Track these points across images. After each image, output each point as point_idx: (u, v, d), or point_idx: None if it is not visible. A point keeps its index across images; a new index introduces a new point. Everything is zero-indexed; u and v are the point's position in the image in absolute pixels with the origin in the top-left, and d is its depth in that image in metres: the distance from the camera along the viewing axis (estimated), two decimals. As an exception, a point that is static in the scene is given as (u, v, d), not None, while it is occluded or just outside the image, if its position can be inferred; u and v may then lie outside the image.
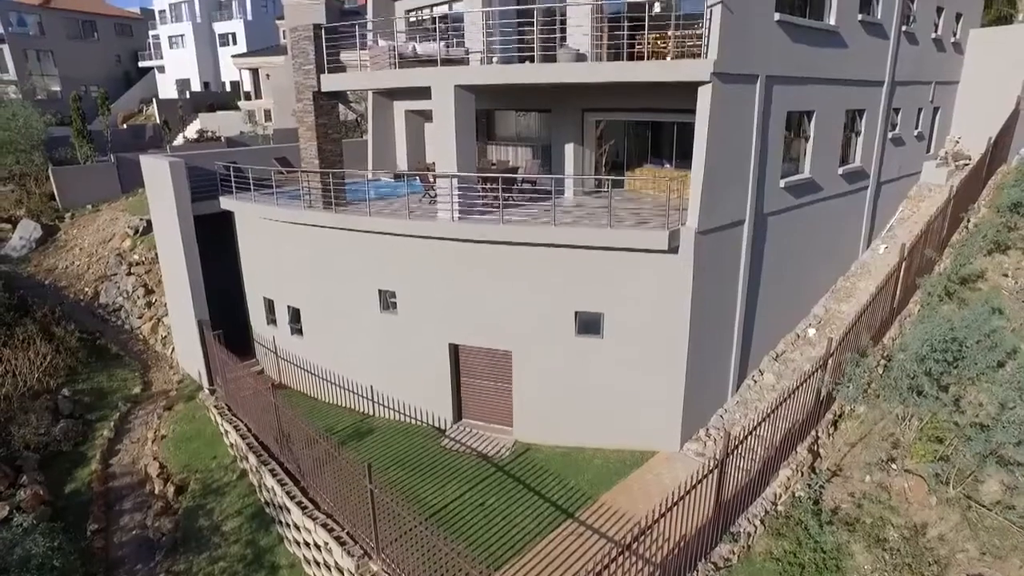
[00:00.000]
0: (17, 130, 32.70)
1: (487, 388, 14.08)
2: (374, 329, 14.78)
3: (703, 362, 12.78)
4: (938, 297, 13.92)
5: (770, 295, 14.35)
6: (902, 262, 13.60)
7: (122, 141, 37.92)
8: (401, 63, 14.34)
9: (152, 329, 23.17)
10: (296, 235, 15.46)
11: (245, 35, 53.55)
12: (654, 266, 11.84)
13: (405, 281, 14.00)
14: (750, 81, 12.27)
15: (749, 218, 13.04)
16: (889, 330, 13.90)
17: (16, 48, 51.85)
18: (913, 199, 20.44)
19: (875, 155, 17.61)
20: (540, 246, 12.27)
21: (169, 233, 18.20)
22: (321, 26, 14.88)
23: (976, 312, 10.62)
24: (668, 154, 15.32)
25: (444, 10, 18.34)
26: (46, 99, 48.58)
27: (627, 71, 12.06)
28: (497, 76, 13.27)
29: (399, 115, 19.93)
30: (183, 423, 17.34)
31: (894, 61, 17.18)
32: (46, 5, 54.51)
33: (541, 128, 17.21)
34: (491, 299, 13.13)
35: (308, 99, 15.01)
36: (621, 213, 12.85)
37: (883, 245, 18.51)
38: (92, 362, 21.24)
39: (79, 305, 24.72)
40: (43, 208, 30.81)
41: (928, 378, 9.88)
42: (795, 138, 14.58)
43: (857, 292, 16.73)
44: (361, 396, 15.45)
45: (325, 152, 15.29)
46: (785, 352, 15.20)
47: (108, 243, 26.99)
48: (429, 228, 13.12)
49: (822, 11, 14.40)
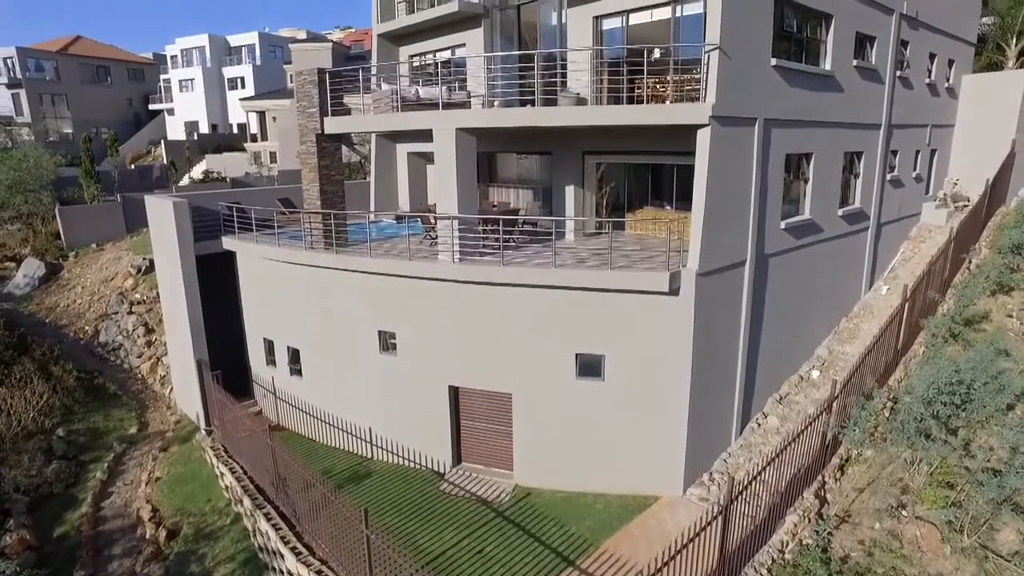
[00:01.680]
0: (27, 171, 33.31)
1: (487, 431, 13.86)
2: (373, 370, 14.64)
3: (706, 405, 12.59)
4: (943, 338, 13.79)
5: (772, 336, 14.24)
6: (905, 303, 13.52)
7: (129, 181, 38.45)
8: (404, 106, 14.57)
9: (151, 368, 23.02)
10: (297, 275, 15.47)
11: (253, 79, 54.84)
12: (655, 308, 11.77)
13: (405, 322, 13.93)
14: (748, 124, 12.43)
15: (750, 259, 13.03)
16: (894, 372, 13.72)
17: (32, 92, 53.33)
18: (914, 240, 20.47)
19: (874, 196, 17.71)
20: (541, 288, 12.24)
21: (171, 272, 18.25)
22: (326, 70, 15.20)
23: (982, 354, 10.50)
24: (668, 196, 15.42)
25: (447, 55, 18.75)
26: (58, 140, 49.61)
27: (627, 115, 12.24)
28: (498, 119, 13.46)
29: (402, 157, 20.20)
30: (178, 465, 17.06)
31: (890, 105, 17.44)
32: (63, 52, 56.20)
33: (542, 170, 17.39)
34: (491, 341, 13.03)
35: (311, 141, 15.22)
36: (622, 255, 12.85)
37: (885, 286, 18.46)
38: (89, 401, 21.04)
39: (79, 344, 24.65)
40: (48, 247, 31.09)
41: (936, 421, 9.70)
42: (795, 180, 14.68)
43: (860, 333, 16.60)
44: (359, 438, 15.21)
45: (327, 193, 15.42)
46: (789, 394, 15.00)
47: (110, 282, 27.07)
48: (429, 270, 13.12)
49: (818, 56, 14.68)
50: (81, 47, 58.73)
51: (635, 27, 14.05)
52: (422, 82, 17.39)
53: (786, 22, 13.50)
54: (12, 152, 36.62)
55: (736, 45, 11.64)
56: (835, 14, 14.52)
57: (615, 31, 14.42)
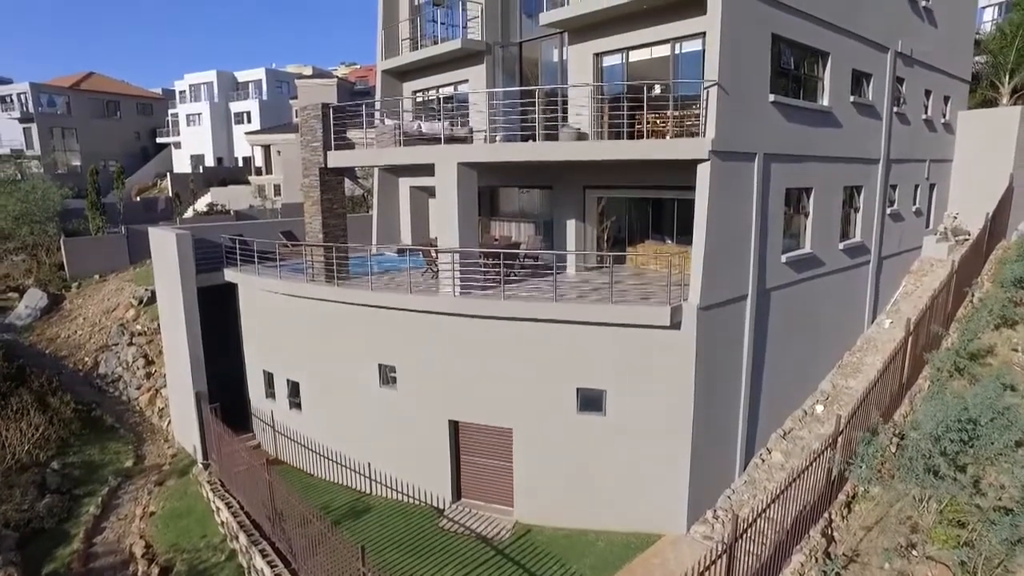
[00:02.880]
0: (35, 202, 33.65)
1: (487, 467, 13.66)
2: (373, 404, 14.51)
3: (709, 440, 12.42)
4: (947, 373, 13.65)
5: (775, 371, 14.12)
6: (908, 337, 13.43)
7: (134, 213, 38.79)
8: (406, 141, 14.75)
9: (150, 401, 22.86)
10: (298, 308, 15.45)
11: (259, 113, 55.69)
12: (657, 342, 11.71)
13: (405, 356, 13.86)
14: (748, 159, 12.53)
15: (751, 293, 13.00)
16: (899, 407, 13.55)
17: (43, 126, 54.38)
18: (915, 273, 20.46)
19: (875, 230, 17.76)
20: (541, 322, 12.21)
21: (172, 304, 18.25)
22: (329, 105, 15.43)
23: (988, 389, 10.37)
24: (669, 230, 15.47)
25: (450, 91, 19.05)
26: (66, 173, 50.24)
27: (627, 149, 12.36)
28: (499, 154, 13.60)
29: (404, 191, 20.37)
30: (174, 499, 16.80)
31: (888, 140, 17.61)
32: (75, 87, 57.40)
33: (543, 204, 17.50)
34: (492, 375, 12.94)
35: (315, 175, 15.37)
36: (623, 289, 12.84)
37: (888, 320, 18.37)
38: (85, 434, 20.83)
39: (78, 375, 24.52)
40: (52, 277, 31.19)
41: (944, 458, 9.53)
42: (795, 214, 14.74)
43: (864, 367, 16.46)
44: (358, 473, 15.00)
45: (329, 226, 15.52)
46: (793, 430, 14.80)
47: (112, 313, 27.07)
48: (430, 303, 13.11)
49: (816, 93, 14.89)
50: (93, 83, 59.97)
51: (635, 64, 14.29)
52: (425, 117, 17.63)
53: (783, 59, 13.73)
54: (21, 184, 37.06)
55: (735, 82, 11.82)
56: (831, 52, 14.78)
57: (615, 67, 14.66)
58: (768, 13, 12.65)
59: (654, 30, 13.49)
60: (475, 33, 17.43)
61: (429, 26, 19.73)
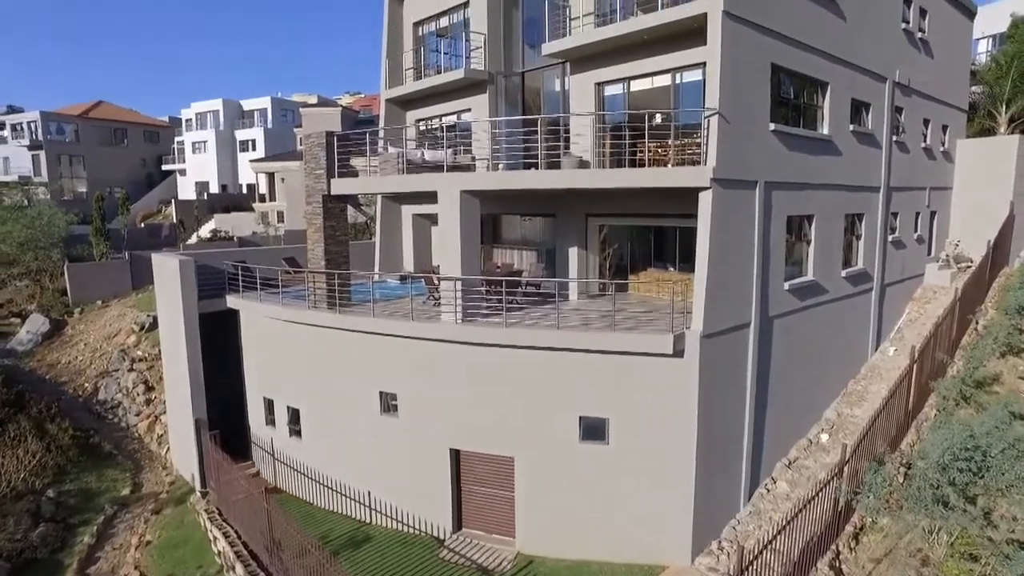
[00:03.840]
0: (40, 228, 33.89)
1: (488, 496, 13.47)
2: (374, 432, 14.38)
3: (713, 469, 12.25)
4: (954, 401, 13.52)
5: (779, 399, 13.99)
6: (913, 364, 13.33)
7: (138, 239, 39.00)
8: (409, 169, 14.86)
9: (149, 427, 22.68)
10: (299, 335, 15.41)
11: (264, 141, 56.34)
12: (659, 370, 11.63)
13: (407, 383, 13.78)
14: (749, 187, 12.59)
15: (754, 321, 12.95)
16: (906, 436, 13.40)
17: (51, 154, 55.16)
18: (919, 301, 20.40)
19: (877, 257, 17.76)
20: (544, 350, 12.15)
21: (173, 330, 18.22)
22: (333, 133, 15.59)
23: (996, 418, 10.25)
24: (671, 257, 15.49)
25: (453, 119, 19.26)
26: (72, 199, 50.71)
27: (629, 177, 12.44)
28: (502, 182, 13.69)
29: (407, 218, 20.47)
30: (170, 528, 16.56)
31: (888, 168, 17.72)
32: (84, 116, 58.30)
33: (545, 232, 17.56)
34: (494, 403, 12.84)
35: (318, 202, 15.46)
36: (625, 316, 12.79)
37: (892, 347, 18.26)
38: (83, 461, 20.61)
39: (77, 401, 24.38)
40: (55, 303, 31.25)
41: (953, 489, 9.38)
42: (797, 241, 14.76)
43: (869, 395, 16.32)
44: (358, 502, 14.79)
45: (332, 253, 15.55)
46: (798, 459, 14.61)
47: (113, 338, 27.03)
48: (432, 330, 13.07)
49: (816, 121, 15.03)
50: (102, 111, 60.92)
51: (636, 93, 14.47)
52: (428, 145, 17.80)
53: (783, 88, 13.89)
54: (27, 210, 37.39)
55: (735, 110, 11.94)
56: (830, 81, 14.95)
57: (617, 96, 14.84)
58: (767, 44, 12.83)
59: (655, 60, 13.69)
60: (478, 63, 17.70)
61: (432, 56, 20.06)
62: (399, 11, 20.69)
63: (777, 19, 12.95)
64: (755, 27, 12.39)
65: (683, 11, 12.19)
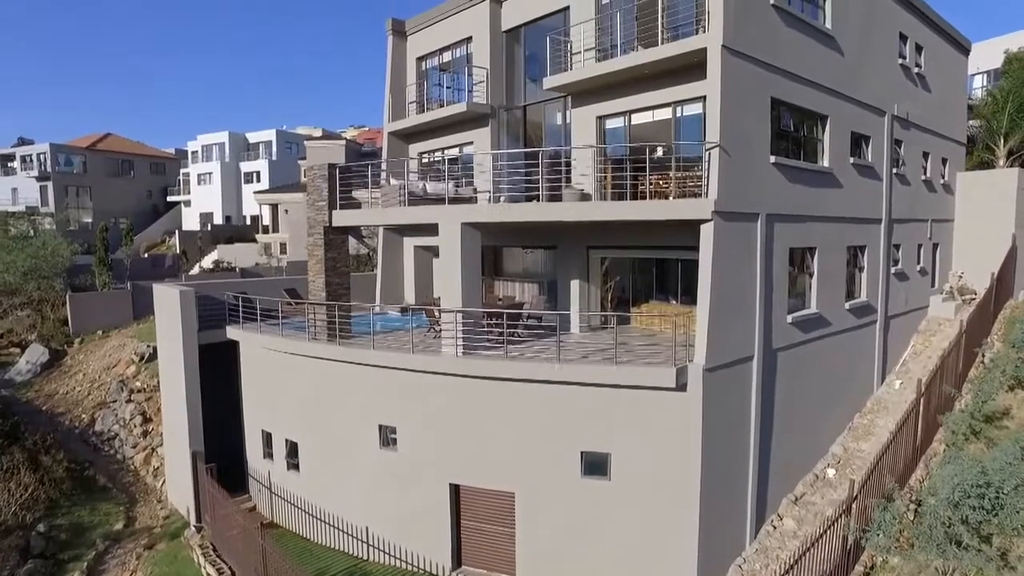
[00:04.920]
0: (44, 258, 34.02)
1: (489, 532, 13.18)
2: (372, 466, 14.15)
3: (718, 506, 11.98)
4: (963, 436, 13.29)
5: (784, 433, 13.77)
6: (920, 398, 13.14)
7: (141, 270, 39.11)
8: (411, 201, 14.91)
9: (145, 460, 22.40)
10: (299, 367, 15.29)
11: (268, 173, 56.92)
12: (662, 404, 11.47)
13: (407, 417, 13.60)
14: (751, 219, 12.59)
15: (758, 354, 12.82)
16: (915, 471, 13.15)
17: (59, 185, 55.84)
18: (924, 333, 20.24)
19: (880, 289, 17.68)
20: (545, 383, 12.01)
21: (173, 360, 18.11)
22: (336, 165, 15.70)
23: (1008, 453, 10.03)
24: (673, 290, 15.43)
25: (455, 152, 19.42)
26: (77, 229, 51.05)
27: (630, 210, 12.46)
28: (503, 214, 13.71)
29: (408, 250, 20.50)
30: (163, 564, 16.20)
31: (889, 200, 17.76)
32: (92, 148, 59.13)
33: (547, 264, 17.55)
34: (494, 437, 12.65)
35: (319, 233, 15.49)
36: (627, 349, 12.67)
37: (898, 380, 18.05)
38: (76, 494, 20.27)
39: (73, 432, 24.13)
40: (55, 333, 31.17)
41: (966, 527, 9.13)
42: (799, 273, 14.71)
43: (876, 429, 16.06)
44: (356, 538, 14.48)
45: (332, 285, 15.52)
46: (805, 495, 14.31)
47: (112, 369, 26.88)
48: (432, 363, 12.95)
49: (816, 154, 15.11)
50: (110, 143, 61.81)
51: (637, 126, 14.58)
52: (430, 177, 17.92)
53: (783, 122, 13.99)
54: (32, 240, 37.61)
55: (736, 143, 12.00)
56: (830, 115, 15.08)
57: (618, 130, 14.96)
58: (767, 78, 12.97)
59: (655, 94, 13.83)
60: (480, 97, 17.91)
61: (435, 90, 20.32)
62: (403, 46, 21.05)
63: (776, 54, 13.11)
64: (754, 61, 12.54)
65: (683, 46, 12.36)
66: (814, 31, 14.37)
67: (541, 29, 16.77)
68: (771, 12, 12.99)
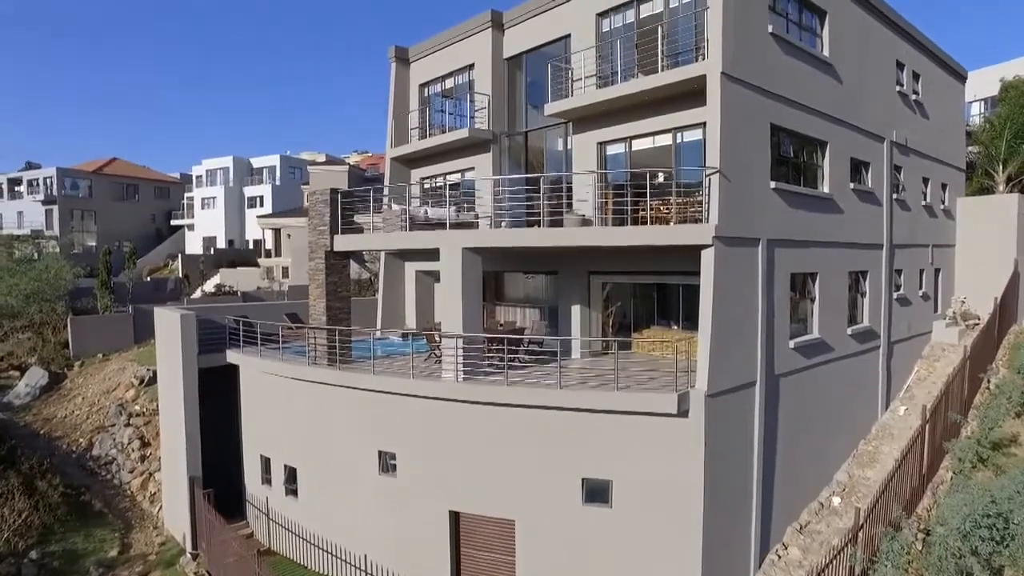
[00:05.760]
0: (47, 281, 34.10)
1: (488, 560, 12.94)
2: (372, 492, 13.97)
3: (721, 535, 11.77)
4: (970, 463, 13.13)
5: (788, 460, 13.59)
6: (925, 425, 13.00)
7: (144, 293, 39.18)
8: (413, 226, 14.95)
9: (142, 485, 22.17)
10: (298, 391, 15.20)
11: (272, 198, 57.32)
12: (664, 431, 11.34)
13: (406, 443, 13.47)
14: (752, 244, 12.59)
15: (760, 380, 12.71)
16: (921, 499, 12.95)
17: (64, 209, 56.36)
18: (927, 359, 20.11)
19: (883, 315, 17.60)
20: (546, 409, 11.90)
21: (172, 384, 18.03)
22: (338, 190, 15.78)
23: (1017, 482, 9.88)
24: (675, 315, 15.37)
25: (457, 178, 19.54)
26: (81, 252, 51.31)
27: (631, 235, 12.46)
28: (504, 239, 13.73)
29: (409, 275, 20.50)
30: (157, 594, 15.94)
31: (890, 225, 17.77)
32: (98, 172, 59.75)
33: (548, 290, 17.52)
34: (494, 464, 12.51)
35: (321, 258, 15.51)
36: (629, 375, 12.57)
37: (903, 406, 17.88)
38: (71, 520, 20.00)
39: (70, 456, 23.93)
40: (55, 356, 31.12)
41: (976, 559, 8.96)
42: (801, 299, 14.66)
43: (881, 456, 15.86)
44: (354, 566, 14.21)
45: (333, 309, 15.49)
46: (810, 523, 14.08)
47: (111, 393, 26.76)
48: (432, 388, 12.87)
49: (816, 179, 15.17)
50: (115, 167, 62.51)
51: (638, 152, 14.67)
52: (431, 203, 17.99)
53: (783, 148, 14.08)
54: (35, 263, 37.76)
55: (736, 169, 12.05)
56: (829, 141, 15.17)
57: (619, 155, 15.05)
58: (766, 104, 13.08)
59: (656, 120, 13.93)
60: (482, 123, 18.08)
61: (438, 116, 20.52)
62: (406, 73, 21.31)
63: (775, 81, 13.24)
64: (753, 88, 12.66)
65: (683, 73, 12.48)
66: (812, 59, 14.54)
67: (542, 56, 16.99)
68: (769, 40, 13.14)
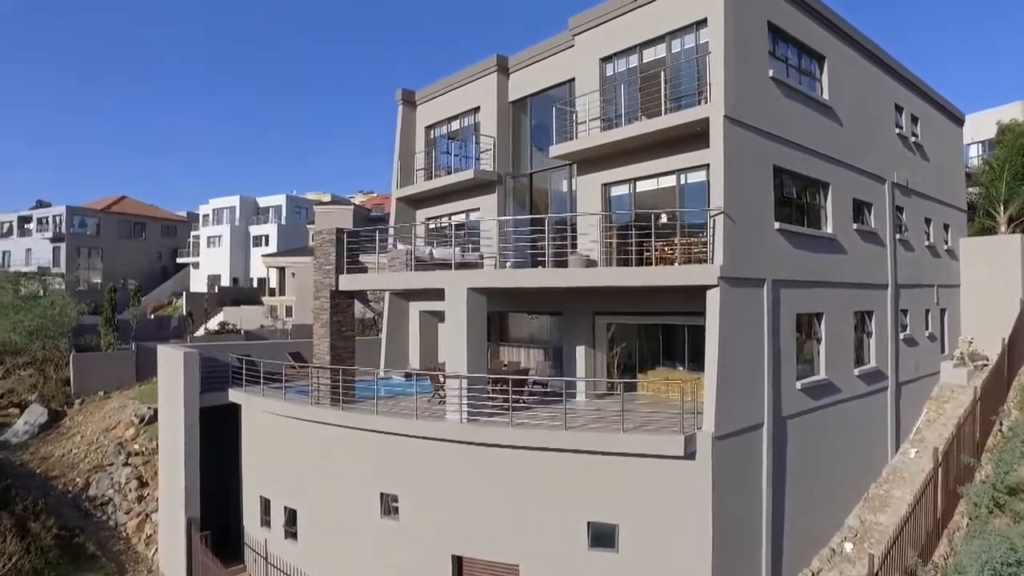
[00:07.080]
0: (51, 318, 34.13)
1: (492, 609, 12.57)
2: (373, 535, 13.66)
3: (732, 582, 11.44)
4: (987, 509, 12.83)
5: (798, 504, 13.30)
6: (937, 468, 12.75)
7: (147, 330, 39.14)
8: (418, 266, 15.00)
9: (138, 527, 21.73)
10: (300, 432, 15.02)
11: (277, 237, 57.76)
12: (671, 473, 11.14)
13: (409, 484, 13.23)
14: (757, 285, 12.58)
15: (767, 421, 12.55)
16: (937, 546, 12.62)
17: (72, 246, 56.89)
18: (936, 400, 19.85)
19: (890, 355, 17.46)
20: (550, 451, 11.73)
21: (173, 423, 17.87)
22: (343, 230, 15.89)
23: (1033, 530, 9.63)
24: (680, 356, 15.26)
25: (462, 218, 19.69)
26: (86, 289, 51.55)
27: (636, 276, 12.47)
28: (509, 280, 13.74)
29: (414, 315, 20.49)
30: (150, 642, 15.45)
31: (894, 265, 17.79)
32: (107, 210, 60.50)
33: (552, 330, 17.47)
34: (498, 507, 12.26)
35: (326, 297, 15.52)
36: (634, 417, 12.42)
37: (913, 449, 17.58)
38: (62, 564, 19.46)
39: (66, 497, 23.52)
40: (56, 393, 30.91)
41: (995, 611, 8.67)
42: (807, 339, 14.57)
43: (893, 500, 15.52)
44: (352, 614, 13.83)
45: (337, 348, 15.43)
46: (821, 570, 13.69)
47: (111, 431, 26.48)
48: (436, 429, 12.71)
49: (819, 220, 15.26)
50: (124, 206, 63.32)
51: (642, 193, 14.79)
52: (436, 243, 18.10)
53: (786, 189, 14.20)
54: (40, 300, 37.88)
55: (740, 210, 12.13)
56: (831, 182, 15.31)
57: (623, 197, 15.17)
58: (768, 146, 13.24)
59: (660, 162, 14.09)
60: (487, 164, 18.31)
61: (443, 157, 20.82)
62: (412, 115, 21.71)
63: (776, 124, 13.44)
64: (756, 131, 12.83)
65: (686, 116, 12.69)
66: (812, 102, 14.78)
67: (547, 99, 17.32)
68: (770, 84, 13.39)
